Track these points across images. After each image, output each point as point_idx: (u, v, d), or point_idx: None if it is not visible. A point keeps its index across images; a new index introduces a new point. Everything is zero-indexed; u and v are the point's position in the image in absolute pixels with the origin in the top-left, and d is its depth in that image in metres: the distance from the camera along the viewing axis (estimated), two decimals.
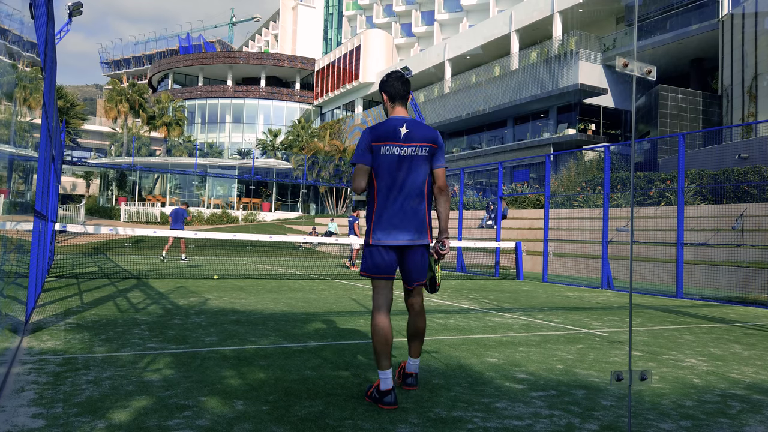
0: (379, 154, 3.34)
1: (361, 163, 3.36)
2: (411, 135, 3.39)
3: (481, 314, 7.08)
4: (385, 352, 3.20)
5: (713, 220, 13.56)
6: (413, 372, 3.52)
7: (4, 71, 24.68)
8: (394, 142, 3.35)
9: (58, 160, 13.89)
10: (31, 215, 6.56)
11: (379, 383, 3.20)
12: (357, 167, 3.38)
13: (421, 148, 3.39)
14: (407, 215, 3.36)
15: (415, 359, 3.52)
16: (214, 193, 45.64)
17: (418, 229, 3.39)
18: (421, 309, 3.52)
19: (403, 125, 3.39)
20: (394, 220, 3.33)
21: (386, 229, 3.34)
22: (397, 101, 3.52)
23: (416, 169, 3.38)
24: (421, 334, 3.52)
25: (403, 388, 3.46)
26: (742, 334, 6.10)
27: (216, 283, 10.00)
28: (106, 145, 59.16)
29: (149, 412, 2.86)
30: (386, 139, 3.35)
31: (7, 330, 4.89)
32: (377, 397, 3.17)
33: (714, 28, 24.32)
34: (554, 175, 24.69)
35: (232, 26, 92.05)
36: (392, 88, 3.50)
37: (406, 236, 3.36)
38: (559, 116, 29.74)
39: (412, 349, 3.53)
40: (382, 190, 3.34)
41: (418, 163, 3.39)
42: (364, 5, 57.86)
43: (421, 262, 3.47)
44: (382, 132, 3.38)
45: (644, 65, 2.27)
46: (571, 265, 15.59)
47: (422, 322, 3.51)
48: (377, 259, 3.35)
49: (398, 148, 3.35)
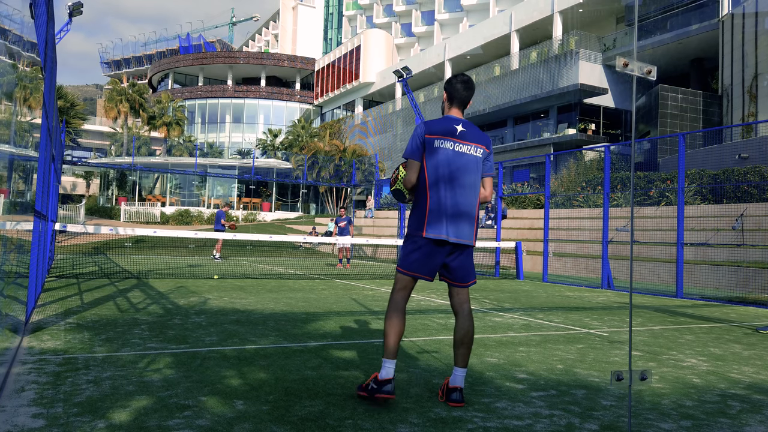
0: (433, 147, 3.28)
1: (413, 158, 3.30)
2: (466, 134, 3.34)
3: (481, 314, 7.08)
4: (396, 343, 3.21)
5: (713, 220, 13.56)
6: (459, 386, 3.21)
7: (4, 71, 24.68)
8: (450, 137, 3.30)
9: (58, 160, 13.89)
10: (31, 215, 6.56)
11: (377, 375, 3.17)
12: (409, 162, 3.32)
13: (476, 148, 3.35)
14: (463, 212, 3.28)
15: (462, 369, 3.25)
16: (214, 193, 45.64)
17: (471, 228, 3.32)
18: (470, 311, 3.37)
19: (459, 124, 3.36)
20: (450, 215, 3.24)
21: (443, 224, 3.23)
22: (456, 104, 3.45)
23: (471, 168, 3.32)
24: (471, 339, 3.30)
25: (448, 404, 3.18)
26: (742, 334, 6.10)
27: (216, 283, 10.00)
28: (106, 145, 59.16)
29: (149, 412, 2.86)
30: (442, 134, 3.30)
31: (7, 330, 4.90)
32: (375, 388, 3.11)
33: (714, 28, 24.32)
34: (554, 175, 24.68)
35: (232, 26, 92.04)
36: (455, 91, 3.44)
37: (462, 234, 3.27)
38: (559, 116, 29.74)
39: (459, 357, 3.28)
40: (436, 183, 3.26)
41: (473, 162, 3.33)
42: (364, 5, 57.86)
43: (472, 261, 3.39)
44: (438, 127, 3.33)
45: (644, 65, 2.27)
46: (571, 265, 15.59)
47: (472, 325, 3.32)
48: (425, 255, 3.24)
49: (453, 143, 3.29)
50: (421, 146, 3.30)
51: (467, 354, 3.28)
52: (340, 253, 16.39)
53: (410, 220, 3.34)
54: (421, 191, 3.30)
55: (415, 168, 3.30)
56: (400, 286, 3.32)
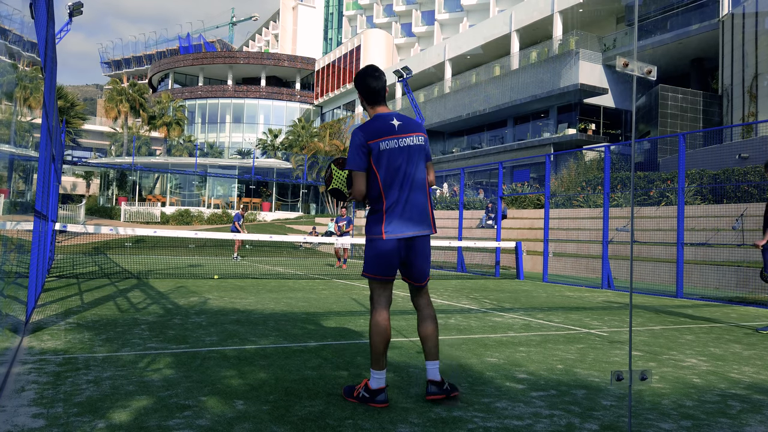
0: (379, 150, 3.18)
1: (359, 169, 3.19)
2: (404, 127, 3.28)
3: (481, 314, 7.08)
4: (384, 352, 3.16)
5: (713, 220, 13.55)
6: (435, 379, 3.19)
7: (4, 71, 24.68)
8: (392, 135, 3.22)
9: (58, 160, 13.89)
10: (31, 215, 6.56)
11: (367, 382, 3.13)
12: (355, 174, 3.21)
13: (417, 137, 3.30)
14: (417, 207, 3.25)
15: (433, 362, 3.24)
16: (214, 193, 45.65)
17: (427, 220, 3.29)
18: (429, 303, 3.38)
19: (392, 118, 3.27)
20: (406, 214, 3.20)
21: (399, 223, 3.20)
22: (377, 99, 3.31)
23: (418, 160, 3.28)
24: (436, 330, 3.31)
25: (426, 399, 3.18)
26: (743, 334, 6.10)
27: (216, 283, 10.00)
28: (107, 145, 59.18)
29: (149, 412, 2.86)
30: (383, 134, 3.21)
31: (7, 330, 4.90)
32: (367, 396, 3.08)
33: (714, 28, 24.32)
34: (554, 175, 24.68)
35: (232, 26, 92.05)
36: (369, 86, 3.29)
37: (418, 228, 3.24)
38: (560, 116, 29.74)
39: (428, 351, 3.28)
40: (390, 183, 3.19)
41: (419, 153, 3.29)
42: (364, 5, 57.88)
43: (428, 254, 3.36)
44: (376, 128, 3.22)
45: (644, 65, 2.27)
46: (572, 265, 15.59)
47: (434, 318, 3.34)
48: (386, 255, 3.19)
49: (397, 140, 3.22)
50: (365, 155, 3.19)
51: (435, 346, 3.27)
52: (338, 252, 16.48)
53: (367, 222, 3.27)
54: (375, 194, 3.22)
55: (362, 178, 3.20)
56: (378, 293, 3.26)
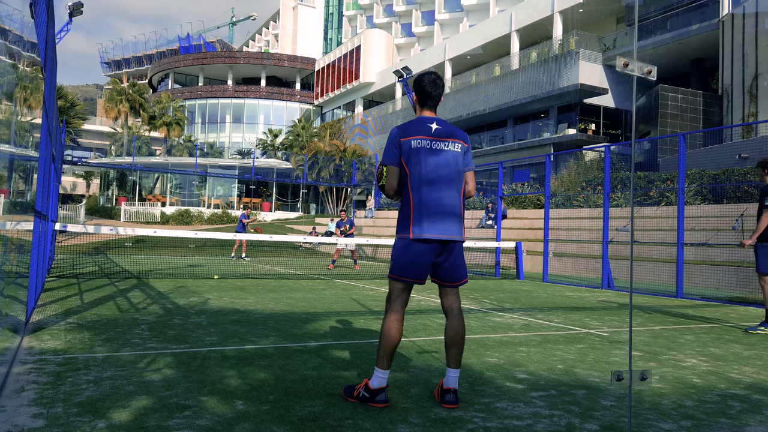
0: (410, 147, 3.24)
1: (391, 164, 3.26)
2: (441, 131, 3.31)
3: (481, 314, 7.08)
4: (391, 353, 3.16)
5: (713, 220, 13.55)
6: (453, 387, 3.18)
7: (4, 71, 24.68)
8: (425, 136, 3.27)
9: (58, 160, 13.89)
10: (31, 215, 6.56)
11: (367, 382, 3.13)
12: (387, 168, 3.27)
13: (453, 143, 3.32)
14: (447, 208, 3.23)
15: (455, 370, 3.22)
16: (214, 193, 45.65)
17: (459, 224, 3.27)
18: (460, 311, 3.34)
19: (433, 123, 3.33)
20: (435, 213, 3.19)
21: (428, 222, 3.17)
22: (427, 104, 3.42)
23: (451, 164, 3.28)
24: (462, 339, 3.28)
25: (442, 405, 3.15)
26: (743, 334, 6.10)
27: (216, 283, 10.00)
28: (107, 145, 59.19)
29: (149, 412, 2.86)
30: (416, 134, 3.27)
31: (7, 330, 4.90)
32: (367, 396, 3.09)
33: (714, 28, 24.33)
34: (554, 175, 24.68)
35: (232, 26, 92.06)
36: (425, 91, 3.40)
37: (450, 230, 3.22)
38: (560, 116, 29.74)
39: (451, 358, 3.25)
40: (418, 183, 3.21)
41: (453, 158, 3.29)
42: (364, 5, 57.88)
43: (462, 259, 3.35)
44: (412, 128, 3.30)
45: (644, 65, 2.27)
46: (572, 265, 15.59)
47: (463, 325, 3.31)
48: (413, 257, 3.18)
49: (429, 141, 3.26)
50: (397, 151, 3.26)
51: (459, 354, 3.26)
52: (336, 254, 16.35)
53: (397, 222, 3.30)
54: (405, 193, 3.26)
55: (395, 173, 3.26)
56: (397, 294, 3.27)
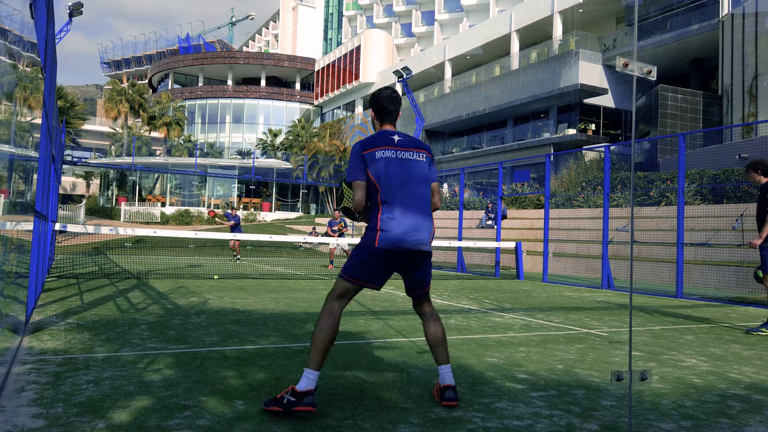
0: (375, 159, 3.18)
1: (357, 179, 3.19)
2: (404, 142, 3.30)
3: (481, 314, 7.08)
4: (325, 352, 3.05)
5: (713, 220, 13.56)
6: (450, 383, 3.19)
7: (4, 71, 24.69)
8: (389, 146, 3.24)
9: (58, 160, 13.89)
10: (31, 215, 6.56)
11: (293, 387, 2.93)
12: (354, 184, 3.19)
13: (418, 153, 3.30)
14: (417, 218, 3.18)
15: (446, 366, 3.25)
16: (214, 193, 45.67)
17: (429, 234, 3.24)
18: (433, 311, 3.39)
19: (394, 135, 3.30)
20: (404, 224, 3.13)
21: (395, 235, 3.11)
22: (386, 118, 3.39)
23: (418, 174, 3.26)
24: (443, 336, 3.33)
25: (442, 404, 3.14)
26: (742, 334, 6.10)
27: (216, 283, 10.00)
28: (106, 145, 59.17)
29: (149, 412, 2.86)
30: (380, 145, 3.23)
31: (7, 330, 4.90)
32: (293, 401, 2.86)
33: (714, 28, 24.33)
34: (554, 175, 24.69)
35: (232, 26, 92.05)
36: (382, 106, 3.38)
37: (421, 240, 3.18)
38: (560, 116, 29.75)
39: (438, 356, 3.29)
40: (387, 194, 3.16)
41: (418, 167, 3.27)
42: (364, 5, 57.89)
43: (430, 267, 3.35)
44: (373, 140, 3.27)
45: (644, 65, 2.27)
46: (571, 265, 15.59)
47: (440, 323, 3.36)
48: (376, 265, 3.15)
49: (395, 152, 3.23)
50: (362, 164, 3.19)
51: (445, 350, 3.29)
52: (332, 254, 16.44)
53: (365, 232, 3.21)
54: (374, 204, 3.20)
55: (362, 188, 3.18)
56: (340, 293, 3.19)
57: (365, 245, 3.16)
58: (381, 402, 3.19)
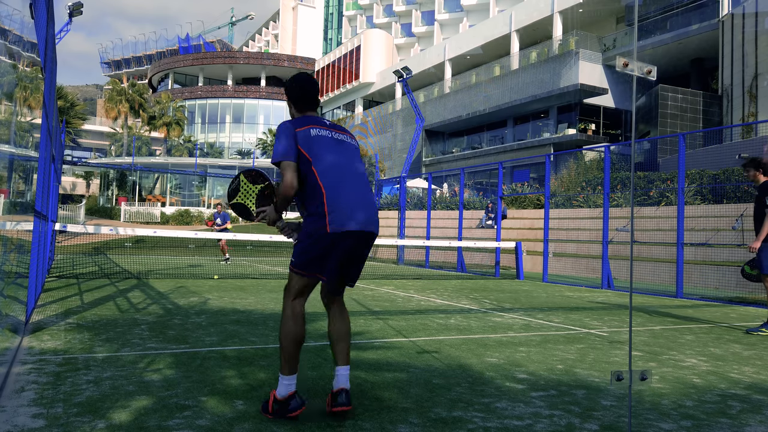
0: (311, 136, 2.90)
1: (288, 159, 2.85)
2: (335, 125, 3.10)
3: (481, 314, 7.08)
4: (296, 354, 2.88)
5: (713, 220, 13.55)
6: (344, 387, 2.85)
7: (4, 71, 24.68)
8: (322, 126, 3.00)
9: (58, 160, 13.89)
10: (31, 215, 6.56)
11: (274, 395, 2.82)
12: (283, 165, 2.85)
13: (350, 138, 3.13)
14: (364, 199, 2.96)
15: (344, 368, 2.92)
16: (214, 193, 45.66)
17: (375, 217, 2.98)
18: (343, 303, 3.16)
19: (321, 120, 3.07)
20: (352, 205, 2.87)
21: (344, 216, 2.84)
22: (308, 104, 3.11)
23: (354, 154, 3.05)
24: (349, 331, 3.06)
25: (333, 411, 2.84)
26: (742, 334, 6.10)
27: (216, 283, 10.00)
28: (107, 145, 59.17)
29: (149, 412, 2.86)
30: (312, 123, 2.97)
31: (7, 330, 4.90)
32: (279, 409, 2.79)
33: (714, 28, 24.34)
34: (554, 175, 24.68)
35: (232, 26, 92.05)
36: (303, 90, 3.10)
37: (371, 222, 2.94)
38: (560, 116, 29.76)
39: (338, 354, 2.96)
40: (328, 173, 2.88)
41: (353, 149, 3.07)
42: (364, 5, 57.91)
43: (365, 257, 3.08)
44: (304, 119, 3.00)
45: (644, 65, 2.27)
46: (571, 265, 15.59)
47: (348, 318, 3.13)
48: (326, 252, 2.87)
49: (329, 132, 3.00)
50: (293, 142, 2.87)
51: (347, 348, 2.99)
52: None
53: (307, 220, 2.92)
54: (312, 186, 2.88)
55: (292, 168, 2.84)
56: (298, 291, 2.96)
57: (314, 233, 2.87)
58: (381, 402, 3.19)
